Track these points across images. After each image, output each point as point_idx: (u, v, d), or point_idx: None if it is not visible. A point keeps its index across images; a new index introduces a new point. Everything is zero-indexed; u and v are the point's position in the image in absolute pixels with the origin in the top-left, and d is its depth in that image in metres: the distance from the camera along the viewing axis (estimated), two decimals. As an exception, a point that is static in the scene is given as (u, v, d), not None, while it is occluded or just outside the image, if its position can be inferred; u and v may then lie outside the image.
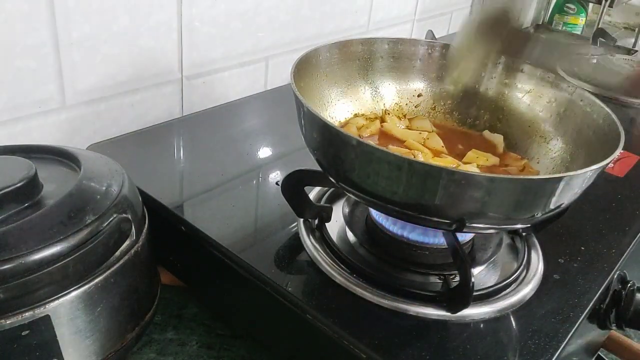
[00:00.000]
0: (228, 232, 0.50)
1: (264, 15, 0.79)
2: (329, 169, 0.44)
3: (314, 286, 0.45)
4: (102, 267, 0.40)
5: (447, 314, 0.42)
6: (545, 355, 0.40)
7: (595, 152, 0.43)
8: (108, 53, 0.62)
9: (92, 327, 0.40)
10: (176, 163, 0.62)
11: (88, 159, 0.46)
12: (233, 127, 0.70)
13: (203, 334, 0.51)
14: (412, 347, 0.40)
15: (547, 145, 0.52)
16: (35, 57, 0.56)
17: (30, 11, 0.54)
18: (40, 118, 0.59)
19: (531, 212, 0.39)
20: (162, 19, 0.66)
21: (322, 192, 0.55)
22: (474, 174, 0.37)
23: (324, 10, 0.89)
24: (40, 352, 0.38)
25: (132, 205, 0.44)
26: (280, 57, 0.85)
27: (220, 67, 0.77)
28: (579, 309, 0.45)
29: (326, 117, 0.44)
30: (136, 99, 0.68)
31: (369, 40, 0.56)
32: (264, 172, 0.60)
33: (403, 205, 0.39)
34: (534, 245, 0.51)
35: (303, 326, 0.43)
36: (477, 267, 0.48)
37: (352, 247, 0.49)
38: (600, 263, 0.51)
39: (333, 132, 0.40)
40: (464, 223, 0.39)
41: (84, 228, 0.39)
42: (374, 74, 0.57)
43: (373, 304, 0.43)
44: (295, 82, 0.44)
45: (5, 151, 0.45)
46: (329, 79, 0.54)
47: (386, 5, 1.02)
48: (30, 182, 0.40)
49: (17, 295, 0.36)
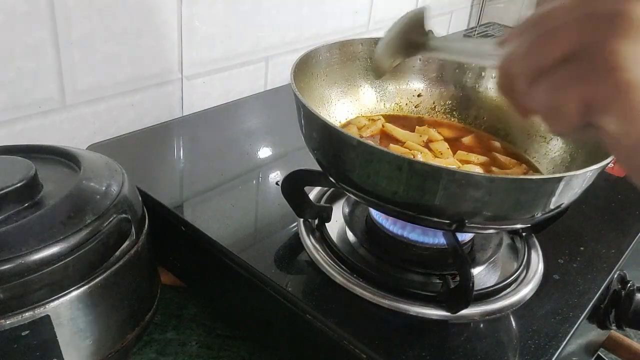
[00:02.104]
0: (228, 232, 0.50)
1: (264, 15, 0.79)
2: (329, 169, 0.44)
3: (314, 286, 0.45)
4: (102, 267, 0.40)
5: (447, 314, 0.42)
6: (545, 355, 0.40)
7: (595, 152, 0.43)
8: (108, 53, 0.62)
9: (92, 327, 0.40)
10: (176, 163, 0.62)
11: (88, 159, 0.46)
12: (233, 127, 0.70)
13: (203, 334, 0.51)
14: (412, 347, 0.40)
15: (547, 145, 0.52)
16: (35, 57, 0.56)
17: (30, 11, 0.54)
18: (40, 118, 0.59)
19: (531, 212, 0.39)
20: (162, 18, 0.66)
21: (322, 192, 0.55)
22: (474, 174, 0.37)
23: (324, 10, 0.89)
24: (40, 352, 0.38)
25: (132, 205, 0.44)
26: (280, 57, 0.85)
27: (220, 67, 0.77)
28: (578, 309, 0.45)
29: (326, 117, 0.44)
30: (136, 98, 0.68)
31: (369, 40, 0.56)
32: (264, 172, 0.60)
33: (403, 205, 0.39)
34: (534, 245, 0.51)
35: (303, 326, 0.43)
36: (477, 267, 0.48)
37: (352, 247, 0.49)
38: (600, 263, 0.51)
39: (333, 132, 0.40)
40: (464, 223, 0.39)
41: (83, 228, 0.39)
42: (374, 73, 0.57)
43: (373, 304, 0.43)
44: (295, 82, 0.44)
45: (5, 151, 0.45)
46: (329, 79, 0.54)
47: (386, 5, 1.02)
48: (30, 182, 0.40)
49: (17, 295, 0.36)
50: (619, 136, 0.26)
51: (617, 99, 0.25)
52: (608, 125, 0.26)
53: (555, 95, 0.27)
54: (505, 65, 0.29)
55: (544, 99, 0.27)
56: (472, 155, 0.52)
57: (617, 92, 0.24)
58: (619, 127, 0.25)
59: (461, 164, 0.51)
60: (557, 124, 0.28)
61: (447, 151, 0.52)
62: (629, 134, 0.25)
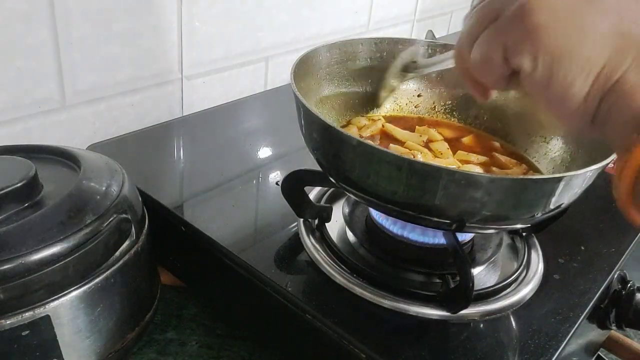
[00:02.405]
0: (228, 232, 0.50)
1: (264, 15, 0.79)
2: (329, 169, 0.44)
3: (314, 286, 0.45)
4: (102, 267, 0.40)
5: (447, 314, 0.42)
6: (545, 355, 0.40)
7: (595, 152, 0.43)
8: (108, 53, 0.62)
9: (92, 327, 0.40)
10: (176, 163, 0.62)
11: (88, 159, 0.46)
12: (233, 127, 0.70)
13: (203, 334, 0.51)
14: (412, 347, 0.40)
15: (547, 145, 0.52)
16: (35, 57, 0.56)
17: (30, 11, 0.54)
18: (40, 118, 0.59)
19: (531, 212, 0.39)
20: (162, 19, 0.66)
21: (322, 192, 0.55)
22: (474, 174, 0.37)
23: (324, 10, 0.89)
24: (40, 352, 0.38)
25: (132, 206, 0.44)
26: (280, 57, 0.85)
27: (220, 67, 0.77)
28: (579, 309, 0.45)
29: (326, 118, 0.44)
30: (136, 98, 0.68)
31: (369, 40, 0.56)
32: (264, 172, 0.60)
33: (403, 205, 0.39)
34: (534, 245, 0.51)
35: (303, 326, 0.43)
36: (477, 267, 0.48)
37: (352, 247, 0.49)
38: (600, 263, 0.51)
39: (333, 132, 0.40)
40: (464, 223, 0.39)
41: (83, 228, 0.39)
42: (374, 73, 0.57)
43: (373, 304, 0.43)
44: (295, 82, 0.44)
45: (5, 151, 0.45)
46: (329, 79, 0.54)
47: (386, 5, 1.02)
48: (30, 182, 0.40)
49: (17, 295, 0.36)
50: (532, 71, 0.31)
51: (527, 40, 0.30)
52: (523, 63, 0.31)
53: (484, 49, 0.33)
54: (456, 47, 0.36)
55: (477, 58, 0.33)
56: (472, 155, 0.52)
57: (527, 34, 0.30)
58: (532, 63, 0.30)
59: (461, 164, 0.51)
60: (489, 75, 0.34)
61: (447, 151, 0.52)
62: (538, 68, 0.30)
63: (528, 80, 0.31)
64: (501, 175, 0.48)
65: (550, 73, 0.30)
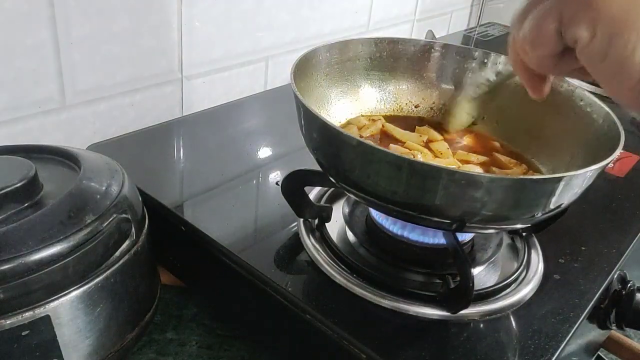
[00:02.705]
0: (228, 232, 0.50)
1: (264, 15, 0.79)
2: (329, 169, 0.44)
3: (314, 286, 0.45)
4: (102, 267, 0.40)
5: (447, 314, 0.42)
6: (545, 355, 0.40)
7: (595, 152, 0.43)
8: (108, 53, 0.62)
9: (92, 327, 0.40)
10: (176, 163, 0.62)
11: (88, 159, 0.46)
12: (233, 127, 0.70)
13: (203, 334, 0.51)
14: (412, 347, 0.40)
15: (547, 145, 0.52)
16: (35, 57, 0.56)
17: (30, 11, 0.54)
18: (40, 118, 0.59)
19: (531, 212, 0.39)
20: (162, 19, 0.66)
21: (322, 192, 0.55)
22: (474, 174, 0.37)
23: (324, 10, 0.89)
24: (40, 352, 0.38)
25: (132, 205, 0.44)
26: (280, 57, 0.85)
27: (220, 67, 0.77)
28: (579, 309, 0.45)
29: (326, 117, 0.44)
30: (136, 98, 0.68)
31: (369, 40, 0.56)
32: (264, 172, 0.60)
33: (403, 205, 0.39)
34: (534, 245, 0.51)
35: (303, 326, 0.43)
36: (477, 267, 0.48)
37: (352, 247, 0.49)
38: (600, 263, 0.51)
39: (333, 132, 0.40)
40: (464, 223, 0.39)
41: (83, 228, 0.39)
42: (374, 73, 0.57)
43: (373, 304, 0.43)
44: (295, 82, 0.44)
45: (5, 151, 0.45)
46: (329, 79, 0.54)
47: (386, 5, 1.02)
48: (30, 182, 0.40)
49: (17, 295, 0.36)
50: (590, 42, 0.30)
51: (586, 9, 0.30)
52: (580, 33, 0.30)
53: (538, 20, 0.32)
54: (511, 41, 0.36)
55: (528, 29, 0.33)
56: (472, 155, 0.52)
57: (586, 3, 0.30)
58: (589, 32, 0.30)
59: (461, 164, 0.51)
60: (539, 48, 0.33)
61: (447, 151, 0.52)
62: (596, 38, 0.30)
63: (585, 52, 0.30)
64: (501, 175, 0.48)
65: (609, 43, 0.29)
